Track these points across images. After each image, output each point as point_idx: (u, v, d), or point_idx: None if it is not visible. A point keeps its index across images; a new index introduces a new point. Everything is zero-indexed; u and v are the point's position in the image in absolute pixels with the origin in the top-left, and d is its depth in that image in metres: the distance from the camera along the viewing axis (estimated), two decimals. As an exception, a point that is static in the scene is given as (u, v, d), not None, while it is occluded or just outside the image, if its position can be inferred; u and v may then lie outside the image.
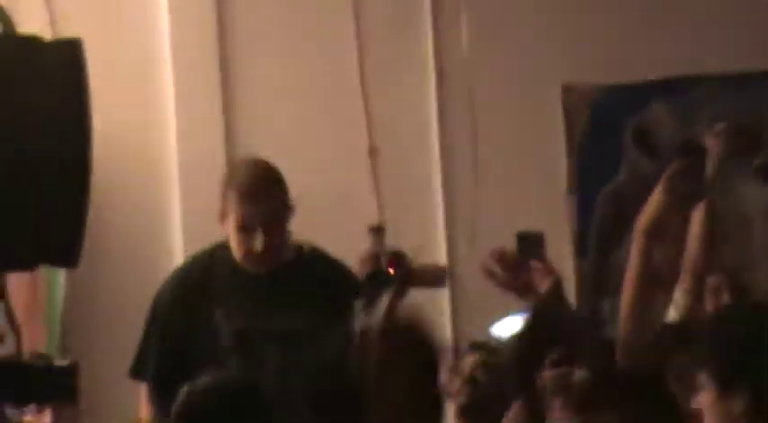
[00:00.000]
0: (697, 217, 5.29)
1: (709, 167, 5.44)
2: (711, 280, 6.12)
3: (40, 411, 6.30)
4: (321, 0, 7.62)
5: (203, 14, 7.67)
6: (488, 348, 5.88)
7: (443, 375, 5.34)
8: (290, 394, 5.65)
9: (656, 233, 5.09)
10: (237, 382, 5.27)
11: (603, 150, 7.96)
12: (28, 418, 5.96)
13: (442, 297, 7.30)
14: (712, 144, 5.49)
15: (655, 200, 4.93)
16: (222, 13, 7.71)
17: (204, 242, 6.47)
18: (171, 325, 6.42)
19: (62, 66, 5.40)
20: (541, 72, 7.80)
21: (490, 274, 5.01)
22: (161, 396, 6.10)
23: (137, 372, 6.31)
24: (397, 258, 6.06)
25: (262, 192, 6.22)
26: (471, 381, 5.74)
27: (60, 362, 5.09)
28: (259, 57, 7.68)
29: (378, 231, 6.27)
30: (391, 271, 6.03)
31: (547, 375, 4.87)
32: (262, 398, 4.97)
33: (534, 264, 5.21)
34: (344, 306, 5.91)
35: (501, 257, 4.96)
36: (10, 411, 5.99)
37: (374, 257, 6.12)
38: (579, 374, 4.84)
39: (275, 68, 7.63)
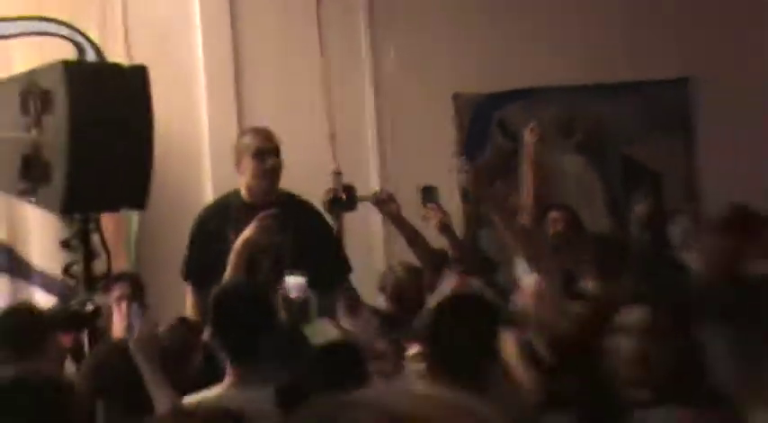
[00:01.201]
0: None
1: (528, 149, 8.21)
2: (552, 214, 8.47)
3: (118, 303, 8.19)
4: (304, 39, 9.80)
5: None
6: None
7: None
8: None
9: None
10: (250, 286, 6.93)
11: (479, 138, 10.33)
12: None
13: (377, 222, 9.31)
14: (527, 136, 8.24)
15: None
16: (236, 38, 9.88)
17: (224, 190, 8.42)
18: (200, 243, 8.25)
19: (136, 82, 8.09)
20: (439, 84, 10.04)
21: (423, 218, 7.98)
22: (198, 292, 7.85)
23: (183, 276, 8.10)
24: (348, 189, 8.20)
25: (269, 134, 8.06)
26: None
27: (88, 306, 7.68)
28: (264, 68, 9.80)
29: (337, 175, 8.33)
30: (344, 197, 8.12)
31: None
32: (264, 297, 6.45)
33: (432, 206, 7.82)
34: (316, 225, 8.07)
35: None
36: (99, 298, 7.99)
37: (334, 190, 8.16)
38: None
39: (277, 78, 9.81)
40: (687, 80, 10.39)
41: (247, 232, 7.60)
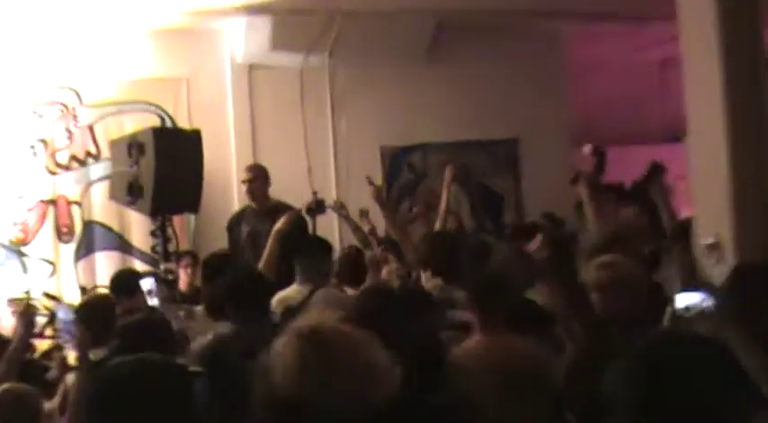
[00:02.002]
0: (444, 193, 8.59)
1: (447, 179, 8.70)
2: (450, 218, 8.72)
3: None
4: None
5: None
6: None
7: None
8: None
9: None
10: (252, 270, 7.04)
11: (395, 174, 10.92)
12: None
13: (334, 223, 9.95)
14: (447, 173, 8.73)
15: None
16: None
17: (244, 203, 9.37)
18: (230, 231, 9.33)
19: (194, 140, 9.13)
20: (372, 140, 10.78)
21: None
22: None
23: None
24: (320, 201, 8.98)
25: (254, 167, 9.17)
26: None
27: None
28: (270, 131, 10.50)
29: (314, 193, 9.22)
30: (316, 206, 8.84)
31: None
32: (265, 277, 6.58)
33: (365, 220, 8.69)
34: (298, 222, 8.36)
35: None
36: (172, 266, 8.96)
37: (311, 202, 8.89)
38: None
39: (278, 138, 10.48)
40: (517, 139, 10.94)
41: (278, 225, 7.79)
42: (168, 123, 10.37)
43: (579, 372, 4.01)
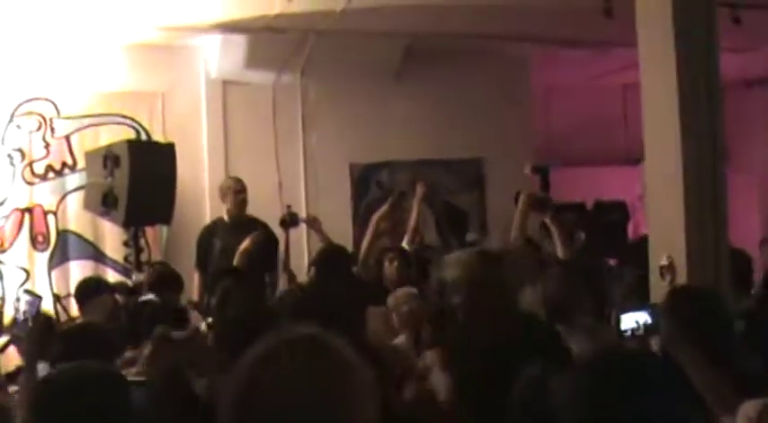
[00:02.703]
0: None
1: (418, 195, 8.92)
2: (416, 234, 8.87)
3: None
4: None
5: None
6: None
7: None
8: None
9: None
10: (229, 273, 7.31)
11: (363, 191, 10.97)
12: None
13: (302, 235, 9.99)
14: (418, 190, 9.04)
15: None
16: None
17: (216, 215, 9.52)
18: (201, 246, 9.40)
19: (168, 153, 9.17)
20: (341, 157, 10.87)
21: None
22: (202, 275, 9.10)
23: (195, 265, 9.31)
24: (293, 214, 9.23)
25: (241, 181, 9.29)
26: None
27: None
28: (243, 144, 10.56)
29: (288, 207, 9.43)
30: (291, 220, 9.09)
31: None
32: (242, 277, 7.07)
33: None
34: (268, 237, 8.83)
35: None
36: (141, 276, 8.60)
37: (285, 215, 9.10)
38: None
39: (250, 151, 10.54)
40: (482, 158, 11.01)
41: (244, 244, 8.15)
42: (143, 136, 10.41)
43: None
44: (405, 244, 8.76)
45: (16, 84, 10.06)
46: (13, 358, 7.34)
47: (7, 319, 8.98)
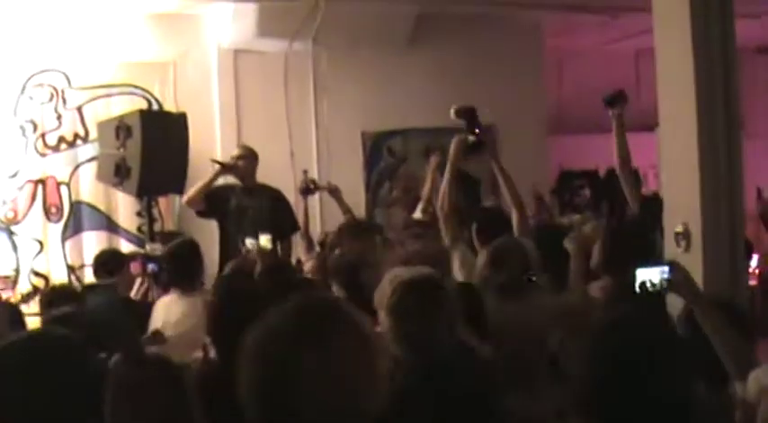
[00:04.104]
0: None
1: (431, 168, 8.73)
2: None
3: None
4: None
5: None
6: None
7: None
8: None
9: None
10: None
11: (375, 159, 10.96)
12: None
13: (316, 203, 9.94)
14: (432, 160, 8.82)
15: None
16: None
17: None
18: (216, 195, 8.92)
19: (180, 122, 9.13)
20: (353, 124, 10.80)
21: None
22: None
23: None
24: (312, 181, 9.12)
25: (250, 149, 9.04)
26: None
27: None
28: (255, 113, 10.46)
29: (305, 173, 9.25)
30: (312, 187, 9.02)
31: None
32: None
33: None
34: (280, 199, 8.88)
35: None
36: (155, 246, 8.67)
37: (304, 181, 9.00)
38: None
39: (262, 119, 10.42)
40: (494, 126, 10.03)
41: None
42: (155, 106, 10.34)
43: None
44: (418, 213, 8.64)
45: (27, 56, 9.98)
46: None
47: (24, 290, 9.39)
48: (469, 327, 4.43)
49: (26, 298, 8.86)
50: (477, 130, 6.86)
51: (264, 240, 7.98)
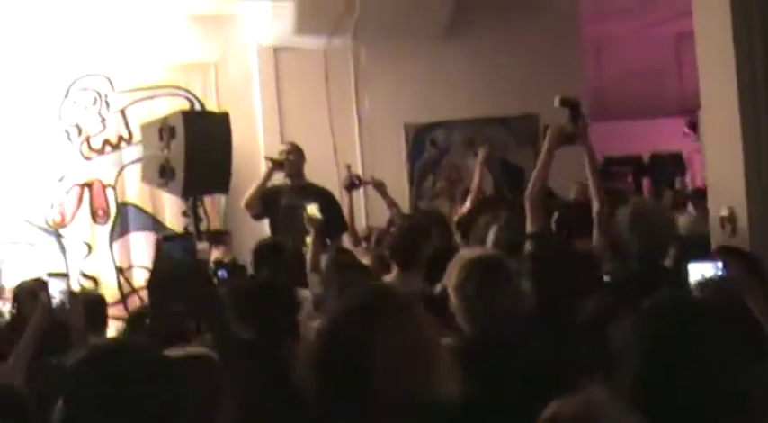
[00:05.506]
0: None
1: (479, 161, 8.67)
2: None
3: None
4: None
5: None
6: None
7: None
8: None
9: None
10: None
11: (418, 151, 10.89)
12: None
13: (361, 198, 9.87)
14: (480, 154, 8.77)
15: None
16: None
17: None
18: (267, 202, 8.74)
19: (223, 122, 9.02)
20: (395, 118, 10.75)
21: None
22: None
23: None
24: (357, 176, 9.06)
25: (294, 145, 8.85)
26: None
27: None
28: (298, 112, 10.47)
29: (348, 168, 9.15)
30: (357, 182, 8.94)
31: None
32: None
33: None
34: (328, 196, 8.66)
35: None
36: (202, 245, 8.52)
37: (349, 176, 8.90)
38: None
39: (305, 118, 10.37)
40: (537, 115, 10.46)
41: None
42: (197, 107, 10.41)
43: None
44: (468, 205, 8.50)
45: (69, 61, 10.05)
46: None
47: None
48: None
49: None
50: (578, 123, 6.65)
51: (311, 209, 7.87)
